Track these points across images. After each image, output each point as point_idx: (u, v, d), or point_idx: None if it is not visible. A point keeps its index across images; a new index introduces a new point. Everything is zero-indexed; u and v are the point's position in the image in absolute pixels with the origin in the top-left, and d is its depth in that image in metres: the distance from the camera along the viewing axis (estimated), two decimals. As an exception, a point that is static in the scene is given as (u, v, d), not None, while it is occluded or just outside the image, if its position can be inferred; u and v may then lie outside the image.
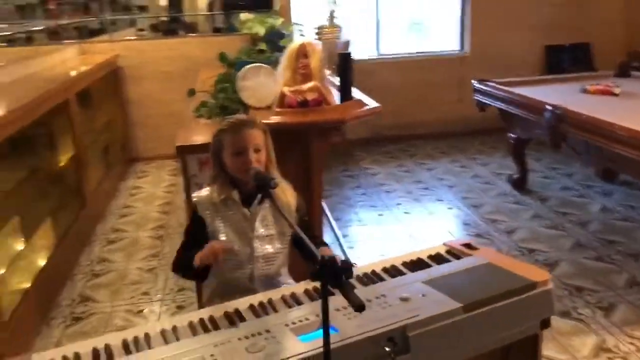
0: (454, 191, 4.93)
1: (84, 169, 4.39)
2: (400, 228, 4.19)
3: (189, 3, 9.49)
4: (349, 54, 2.81)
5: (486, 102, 4.73)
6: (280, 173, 2.04)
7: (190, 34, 6.70)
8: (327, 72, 3.02)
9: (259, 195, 1.92)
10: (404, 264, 1.96)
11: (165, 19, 8.55)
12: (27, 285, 3.17)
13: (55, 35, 6.17)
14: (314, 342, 1.48)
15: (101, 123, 5.44)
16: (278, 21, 5.11)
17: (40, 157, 3.94)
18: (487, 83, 4.76)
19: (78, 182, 4.32)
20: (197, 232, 1.97)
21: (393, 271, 1.91)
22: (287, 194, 2.02)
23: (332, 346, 1.44)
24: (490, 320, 1.67)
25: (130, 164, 5.92)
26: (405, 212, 4.49)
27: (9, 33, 5.04)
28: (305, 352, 1.45)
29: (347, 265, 1.30)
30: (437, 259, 1.98)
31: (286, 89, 2.75)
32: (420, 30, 6.61)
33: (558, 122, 3.72)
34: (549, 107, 3.81)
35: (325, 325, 1.32)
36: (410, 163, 5.75)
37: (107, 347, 1.56)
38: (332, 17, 2.94)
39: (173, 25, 8.08)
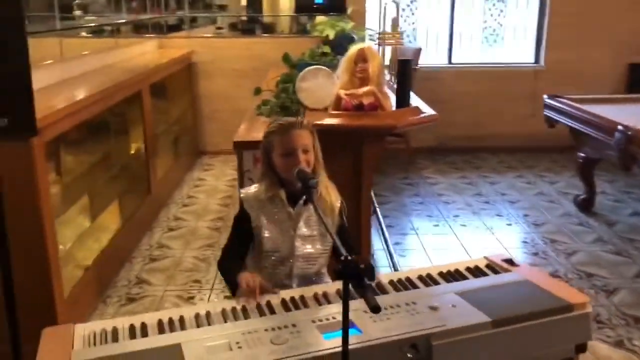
0: (516, 207, 4.81)
1: (152, 158, 4.59)
2: (454, 240, 4.13)
3: (268, 4, 9.72)
4: (408, 61, 2.81)
5: (556, 118, 4.58)
6: (330, 175, 2.08)
7: (264, 34, 6.86)
8: (387, 77, 3.03)
9: (304, 196, 1.97)
10: (441, 274, 1.95)
11: (243, 18, 8.81)
12: (89, 263, 3.36)
13: (138, 29, 6.48)
14: (337, 341, 1.49)
15: (173, 115, 5.67)
16: (348, 25, 5.16)
17: (113, 143, 4.16)
18: (559, 99, 4.62)
19: (146, 170, 4.52)
20: (242, 227, 2.04)
21: (428, 280, 1.90)
22: (332, 195, 2.05)
23: (353, 347, 1.47)
24: (521, 338, 1.64)
25: (198, 156, 6.13)
26: (462, 225, 4.42)
27: (94, 24, 5.34)
28: (326, 350, 1.48)
29: (370, 268, 1.32)
30: (475, 272, 1.96)
31: (342, 92, 2.79)
32: (495, 41, 6.47)
33: (629, 143, 3.56)
34: (621, 128, 3.66)
35: (345, 324, 1.34)
36: (473, 175, 5.65)
37: (143, 325, 1.65)
38: (394, 23, 2.95)
39: (251, 25, 8.32)
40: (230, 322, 1.66)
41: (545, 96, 4.74)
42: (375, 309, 1.25)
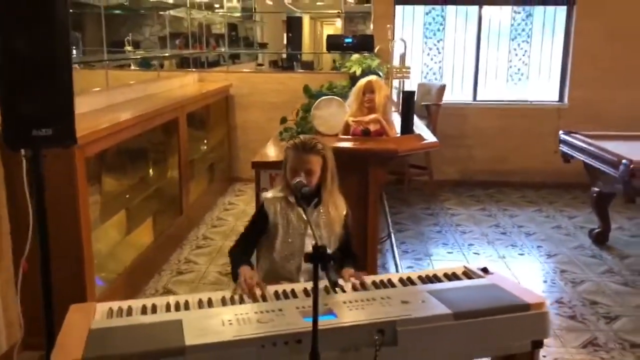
0: (531, 239, 4.94)
1: (185, 182, 4.95)
2: (465, 266, 4.30)
3: (306, 43, 10.21)
4: (412, 93, 3.08)
5: (571, 153, 4.74)
6: (340, 193, 2.40)
7: (300, 71, 7.26)
8: (393, 108, 3.30)
9: (315, 200, 2.28)
10: (420, 277, 2.18)
11: (283, 56, 9.30)
12: (120, 271, 3.69)
13: (180, 64, 6.98)
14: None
15: (210, 143, 6.08)
16: (375, 62, 5.48)
17: (151, 166, 4.55)
18: (574, 134, 4.79)
19: (179, 192, 4.88)
20: (259, 223, 2.38)
21: (407, 281, 2.13)
22: (338, 209, 2.35)
23: (327, 327, 1.72)
24: (480, 331, 1.85)
25: (231, 182, 6.49)
26: (475, 253, 4.59)
27: (139, 57, 5.85)
28: (303, 328, 1.73)
29: (334, 255, 1.59)
30: (451, 277, 2.18)
31: (350, 119, 3.08)
32: (520, 79, 6.67)
33: (631, 176, 3.71)
34: (625, 161, 3.81)
35: (315, 300, 1.59)
36: (494, 208, 5.81)
37: (154, 305, 1.93)
38: (402, 58, 3.23)
39: (290, 62, 8.78)
40: (228, 305, 1.94)
41: (561, 132, 4.92)
42: (334, 284, 1.51)
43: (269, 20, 9.58)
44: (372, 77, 3.20)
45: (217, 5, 7.99)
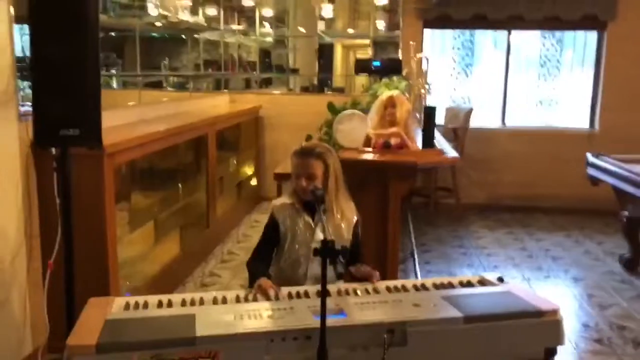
0: (558, 263, 4.86)
1: (213, 198, 5.04)
2: (489, 287, 4.25)
3: (337, 67, 10.34)
4: (433, 108, 3.12)
5: (598, 176, 4.68)
6: (358, 208, 2.43)
7: (328, 93, 7.36)
8: (415, 124, 3.34)
9: (322, 207, 2.29)
10: (434, 284, 2.17)
11: (314, 82, 9.44)
12: (144, 281, 3.76)
13: (215, 87, 7.15)
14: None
15: (239, 162, 6.19)
16: (402, 84, 5.52)
17: (179, 181, 4.65)
18: (602, 157, 4.73)
19: (206, 208, 4.97)
20: (271, 231, 2.41)
21: (420, 287, 2.14)
22: (346, 216, 2.37)
23: (336, 324, 1.74)
24: (491, 336, 1.84)
25: (259, 201, 6.56)
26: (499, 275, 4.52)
27: (171, 74, 6.05)
28: (313, 325, 1.74)
29: (343, 249, 1.61)
30: (466, 284, 2.17)
31: (371, 132, 3.12)
32: (550, 105, 6.64)
33: (659, 197, 3.64)
34: (653, 183, 3.75)
35: (323, 295, 1.62)
36: (521, 232, 5.73)
37: (169, 301, 1.98)
38: (425, 74, 3.27)
39: (321, 88, 8.91)
40: (241, 302, 1.97)
41: (588, 154, 4.86)
42: (340, 275, 1.53)
43: (301, 47, 9.77)
44: (394, 92, 3.25)
45: (251, 31, 8.19)
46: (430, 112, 3.06)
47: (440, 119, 5.43)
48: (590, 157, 4.82)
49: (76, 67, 2.08)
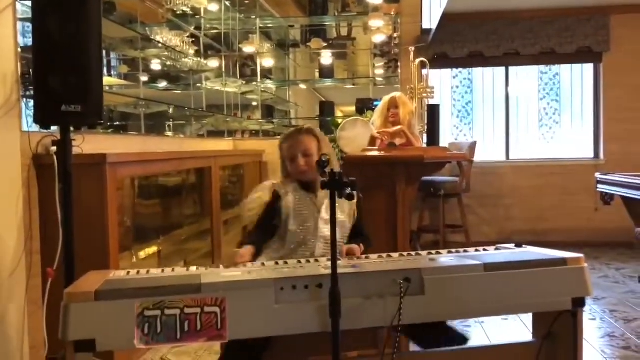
0: (576, 286, 4.68)
1: (217, 233, 4.96)
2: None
3: (339, 110, 10.47)
4: (437, 105, 3.11)
5: (610, 191, 4.60)
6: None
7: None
8: (419, 127, 3.32)
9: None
10: (449, 252, 2.08)
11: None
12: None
13: (215, 133, 7.19)
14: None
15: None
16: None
17: (183, 211, 4.59)
18: (611, 174, 4.67)
19: (210, 242, 4.88)
20: (269, 213, 2.26)
21: (435, 253, 2.04)
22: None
23: (349, 271, 1.65)
24: (513, 284, 1.73)
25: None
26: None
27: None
28: (323, 273, 1.65)
29: (352, 181, 1.54)
30: (482, 251, 2.07)
31: (375, 132, 3.09)
32: (552, 138, 6.65)
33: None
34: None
35: (333, 228, 1.53)
36: (534, 263, 5.57)
37: (172, 269, 1.89)
38: (426, 79, 3.28)
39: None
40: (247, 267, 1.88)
41: (597, 174, 4.81)
42: (349, 196, 1.46)
43: (304, 106, 9.95)
44: (397, 94, 3.25)
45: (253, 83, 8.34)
46: (433, 109, 3.05)
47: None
48: (599, 176, 4.76)
49: (78, 43, 2.08)
